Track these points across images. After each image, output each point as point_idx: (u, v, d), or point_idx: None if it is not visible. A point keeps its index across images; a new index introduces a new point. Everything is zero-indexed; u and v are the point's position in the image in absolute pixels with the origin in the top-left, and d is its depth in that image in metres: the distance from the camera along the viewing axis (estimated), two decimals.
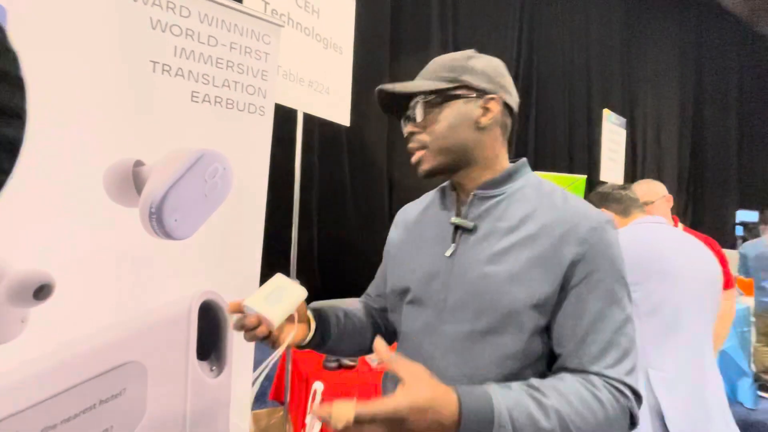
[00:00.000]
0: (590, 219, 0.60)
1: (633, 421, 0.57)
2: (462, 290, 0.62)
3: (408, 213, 0.81)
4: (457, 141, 0.64)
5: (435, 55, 0.62)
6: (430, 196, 0.79)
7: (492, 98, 0.64)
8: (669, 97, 7.81)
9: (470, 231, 0.64)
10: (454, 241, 0.66)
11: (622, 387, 0.55)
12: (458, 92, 0.64)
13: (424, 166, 0.66)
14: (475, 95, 0.64)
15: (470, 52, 0.68)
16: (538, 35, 5.92)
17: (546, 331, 0.60)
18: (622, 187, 1.40)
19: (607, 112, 3.66)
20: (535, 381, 0.55)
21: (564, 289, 0.58)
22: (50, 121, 0.79)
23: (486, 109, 0.64)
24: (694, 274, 1.14)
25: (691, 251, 1.18)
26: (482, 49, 0.71)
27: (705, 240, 1.50)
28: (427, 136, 0.65)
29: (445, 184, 0.75)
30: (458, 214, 0.68)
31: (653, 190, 1.62)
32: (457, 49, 5.06)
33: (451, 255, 0.65)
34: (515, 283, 0.58)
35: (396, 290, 0.74)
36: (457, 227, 0.66)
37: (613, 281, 0.59)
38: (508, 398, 0.51)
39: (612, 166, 3.66)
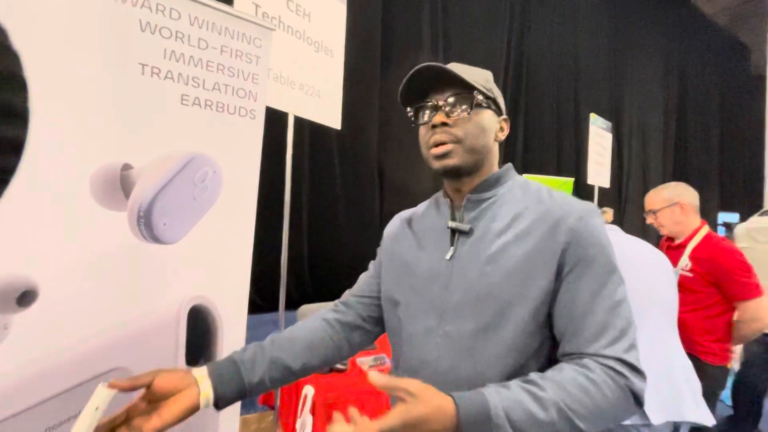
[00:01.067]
0: (576, 209, 0.63)
1: (638, 400, 0.57)
2: (463, 291, 0.64)
3: (402, 222, 0.82)
4: (484, 145, 0.68)
5: (426, 61, 0.64)
6: (423, 207, 0.82)
7: (506, 119, 0.72)
8: (654, 102, 8.00)
9: (467, 233, 0.67)
10: (452, 244, 0.68)
11: (617, 365, 0.56)
12: (491, 104, 0.69)
13: (453, 161, 0.66)
14: (499, 113, 0.71)
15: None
16: (527, 41, 6.01)
17: (546, 322, 0.63)
18: None
19: (593, 116, 3.73)
20: (533, 375, 0.56)
21: (558, 278, 0.61)
22: (37, 124, 0.78)
23: (502, 127, 0.72)
24: (647, 265, 1.24)
25: (641, 247, 1.29)
26: (472, 56, 0.74)
27: (727, 250, 1.48)
28: (461, 132, 0.65)
29: (437, 193, 0.79)
30: (453, 219, 0.70)
31: (660, 197, 1.62)
32: (447, 54, 5.06)
33: (451, 258, 0.67)
34: (512, 279, 0.61)
35: (390, 298, 0.75)
36: (454, 231, 0.69)
37: (602, 266, 0.61)
38: (504, 398, 0.52)
39: (599, 170, 3.72)
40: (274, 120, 1.45)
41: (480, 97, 0.66)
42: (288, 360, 0.71)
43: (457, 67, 0.66)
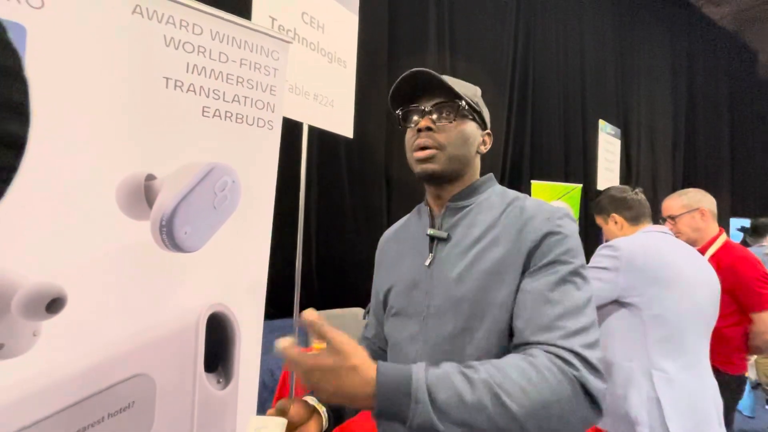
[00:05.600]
0: (544, 212, 0.64)
1: (593, 400, 0.51)
2: (442, 295, 0.66)
3: (388, 236, 0.85)
4: (465, 154, 0.70)
5: (433, 67, 0.66)
6: (406, 218, 0.85)
7: (489, 134, 0.75)
8: (662, 107, 7.95)
9: (445, 240, 0.69)
10: (431, 251, 0.70)
11: (569, 356, 0.52)
12: (475, 116, 0.71)
13: (435, 166, 0.67)
14: (483, 126, 0.73)
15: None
16: (533, 48, 6.03)
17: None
18: (635, 192, 1.39)
19: (602, 123, 3.73)
20: (474, 362, 0.54)
21: (523, 275, 0.61)
22: (65, 135, 0.81)
23: (484, 141, 0.74)
24: (698, 283, 1.17)
25: (695, 261, 1.21)
26: (479, 61, 0.76)
27: (744, 258, 1.46)
28: (444, 139, 0.67)
29: (420, 204, 0.81)
30: (433, 226, 0.72)
31: (680, 203, 1.60)
32: (453, 63, 5.07)
33: (430, 264, 0.69)
34: (487, 282, 0.62)
35: (383, 304, 0.78)
36: (432, 238, 0.70)
37: (565, 264, 0.59)
38: (431, 375, 0.49)
39: (608, 176, 3.71)
40: (285, 129, 1.48)
41: (465, 107, 0.67)
42: None
43: (447, 79, 0.68)
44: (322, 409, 0.65)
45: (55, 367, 0.83)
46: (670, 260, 1.17)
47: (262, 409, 2.36)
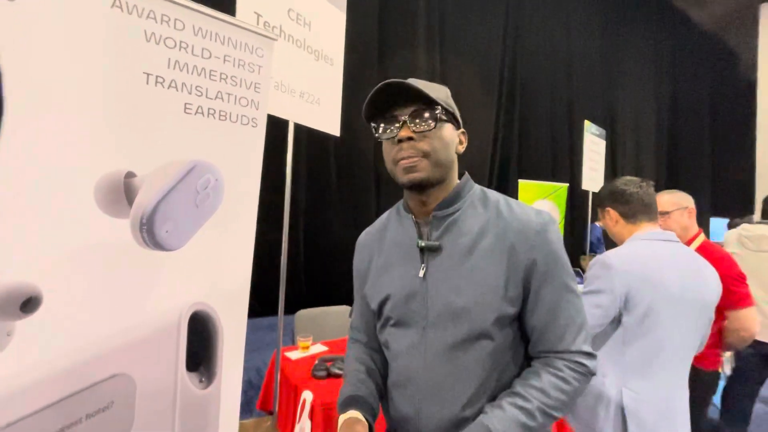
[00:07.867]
0: (533, 224, 0.68)
1: (592, 374, 0.68)
2: (440, 305, 0.68)
3: (367, 241, 0.84)
4: (447, 158, 0.70)
5: (421, 70, 0.66)
6: (383, 220, 0.83)
7: (464, 132, 0.74)
8: (646, 107, 8.11)
9: (436, 250, 0.69)
10: (423, 261, 0.70)
11: (580, 358, 0.67)
12: (451, 118, 0.71)
13: (421, 174, 0.67)
14: (457, 126, 0.73)
15: None
16: (521, 50, 6.08)
17: (517, 327, 0.69)
18: (639, 186, 1.22)
19: (587, 123, 3.78)
20: (518, 387, 0.65)
21: (525, 288, 0.68)
22: (43, 130, 0.79)
23: (461, 140, 0.74)
24: (692, 303, 1.10)
25: (693, 276, 1.13)
26: (468, 62, 0.76)
27: (721, 258, 1.47)
28: (427, 146, 0.66)
29: (397, 206, 0.80)
30: (420, 236, 0.72)
31: (671, 201, 1.60)
32: (443, 61, 5.08)
33: (424, 275, 0.70)
34: (486, 295, 0.65)
35: (379, 313, 0.78)
36: (422, 248, 0.70)
37: (562, 273, 0.68)
38: (501, 420, 0.61)
39: (593, 176, 3.77)
40: (273, 125, 1.47)
41: (442, 111, 0.67)
42: (380, 389, 0.79)
43: (417, 83, 0.66)
44: (365, 420, 0.70)
45: (30, 367, 0.81)
46: (665, 276, 1.09)
47: (247, 408, 2.35)
